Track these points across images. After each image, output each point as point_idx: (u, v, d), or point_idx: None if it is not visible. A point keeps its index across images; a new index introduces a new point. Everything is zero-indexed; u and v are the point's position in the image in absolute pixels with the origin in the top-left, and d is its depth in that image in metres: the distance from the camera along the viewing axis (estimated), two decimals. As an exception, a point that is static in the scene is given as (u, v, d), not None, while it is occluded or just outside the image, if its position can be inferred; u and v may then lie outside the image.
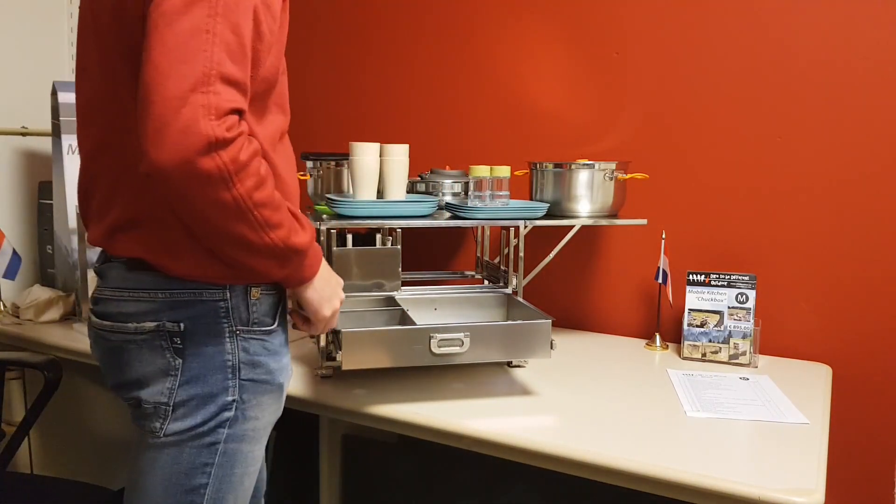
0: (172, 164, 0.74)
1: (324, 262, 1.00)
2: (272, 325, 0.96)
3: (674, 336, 1.76)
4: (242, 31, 0.80)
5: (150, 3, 0.78)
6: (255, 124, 0.91)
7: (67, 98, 1.80)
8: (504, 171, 1.47)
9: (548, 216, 1.55)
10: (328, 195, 1.48)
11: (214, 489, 0.93)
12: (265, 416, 0.97)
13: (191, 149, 0.74)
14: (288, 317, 1.04)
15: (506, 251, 1.64)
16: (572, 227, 1.60)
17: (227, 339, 0.91)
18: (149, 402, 0.90)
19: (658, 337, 1.69)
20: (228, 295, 0.91)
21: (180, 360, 0.90)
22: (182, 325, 0.89)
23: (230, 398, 0.92)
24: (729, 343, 1.56)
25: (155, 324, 0.89)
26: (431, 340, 1.24)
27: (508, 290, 1.57)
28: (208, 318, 0.90)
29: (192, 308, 0.90)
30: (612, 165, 1.57)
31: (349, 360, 1.20)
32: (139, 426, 0.94)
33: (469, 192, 1.51)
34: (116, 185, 0.91)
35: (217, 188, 0.77)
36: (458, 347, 1.24)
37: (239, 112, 0.79)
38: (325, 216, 1.41)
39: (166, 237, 0.89)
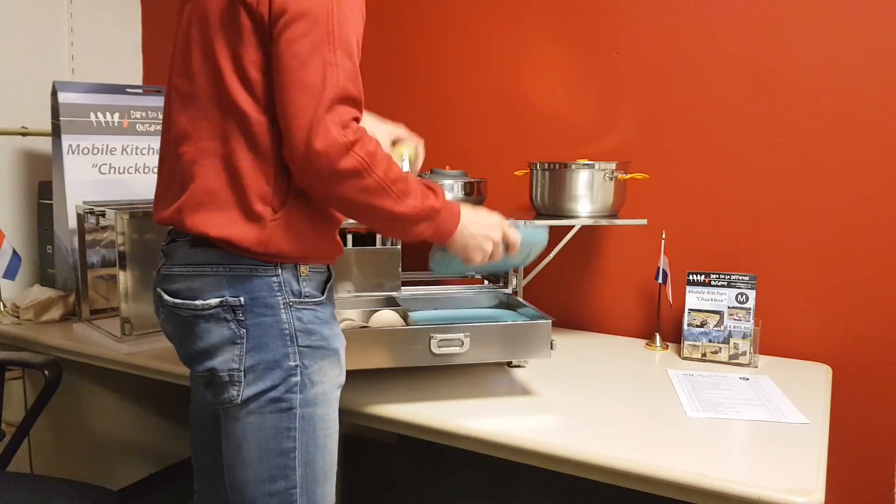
0: (324, 176, 0.93)
1: (469, 212, 1.11)
2: (321, 297, 1.06)
3: (674, 336, 1.76)
4: (353, 53, 0.96)
5: (276, 35, 0.92)
6: None
7: (67, 98, 1.80)
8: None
9: (548, 216, 1.55)
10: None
11: (303, 452, 1.03)
12: (328, 380, 1.06)
13: (334, 158, 0.92)
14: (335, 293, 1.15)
15: (506, 251, 1.64)
16: (572, 227, 1.60)
17: (283, 310, 1.01)
18: (223, 370, 1.00)
19: (658, 337, 1.69)
20: (280, 271, 1.01)
21: (244, 330, 1.00)
22: (241, 299, 0.99)
23: (293, 363, 1.01)
24: (729, 343, 1.56)
25: (219, 299, 0.99)
26: (431, 340, 1.24)
27: (508, 290, 1.57)
28: (264, 291, 1.00)
29: (249, 282, 1.00)
30: (612, 165, 1.57)
31: (349, 360, 1.20)
32: (219, 402, 1.03)
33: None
34: (191, 168, 1.00)
35: (362, 178, 0.95)
36: (458, 347, 1.24)
37: (356, 119, 0.96)
38: None
39: (232, 217, 0.99)
